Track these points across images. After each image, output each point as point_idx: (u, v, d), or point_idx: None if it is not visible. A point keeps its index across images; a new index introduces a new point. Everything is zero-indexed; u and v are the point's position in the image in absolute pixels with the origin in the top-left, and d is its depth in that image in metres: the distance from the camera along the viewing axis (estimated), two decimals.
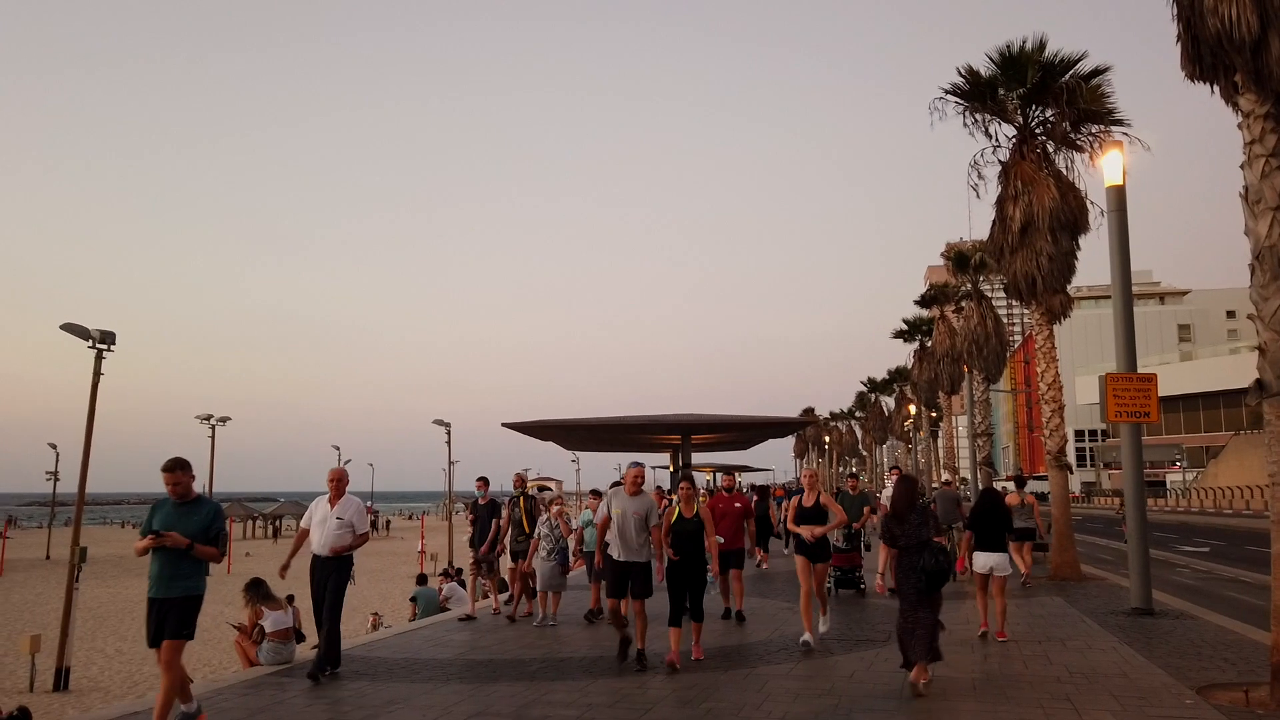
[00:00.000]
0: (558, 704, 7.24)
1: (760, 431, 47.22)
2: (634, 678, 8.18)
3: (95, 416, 19.20)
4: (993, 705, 6.98)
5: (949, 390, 40.48)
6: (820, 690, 7.58)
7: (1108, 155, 12.81)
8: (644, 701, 7.27)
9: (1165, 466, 70.21)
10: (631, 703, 7.24)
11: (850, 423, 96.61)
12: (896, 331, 47.43)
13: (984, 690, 7.52)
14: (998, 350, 30.74)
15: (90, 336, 19.09)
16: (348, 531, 8.51)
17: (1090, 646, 9.44)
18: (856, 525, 14.07)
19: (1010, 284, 17.47)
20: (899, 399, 65.34)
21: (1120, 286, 12.46)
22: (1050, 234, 16.64)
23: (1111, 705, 6.94)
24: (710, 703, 7.18)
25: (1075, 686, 7.58)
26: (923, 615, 7.52)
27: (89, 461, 18.95)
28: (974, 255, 30.73)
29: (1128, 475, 12.76)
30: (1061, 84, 16.63)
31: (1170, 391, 62.55)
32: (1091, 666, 8.39)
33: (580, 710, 7.01)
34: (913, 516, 7.78)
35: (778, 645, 9.82)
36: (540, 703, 7.30)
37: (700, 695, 7.45)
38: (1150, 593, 12.09)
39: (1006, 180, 17.34)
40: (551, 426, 39.17)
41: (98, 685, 18.34)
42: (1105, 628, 10.69)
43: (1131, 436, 12.56)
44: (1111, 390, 12.24)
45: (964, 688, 7.62)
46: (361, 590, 29.59)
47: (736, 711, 6.91)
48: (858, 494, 14.43)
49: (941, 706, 6.98)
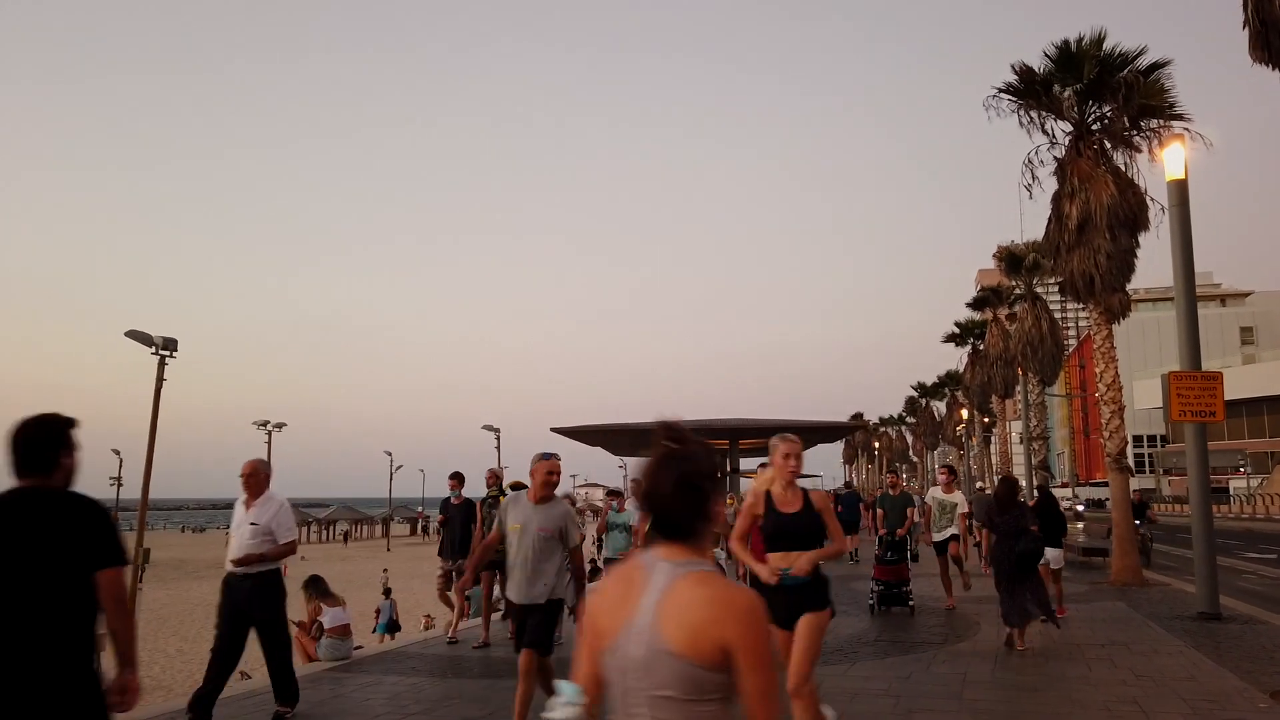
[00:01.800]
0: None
1: (809, 436, 46.98)
2: None
3: (158, 421, 19.72)
4: (1056, 707, 6.84)
5: (1002, 394, 39.79)
6: (878, 691, 7.49)
7: (1169, 149, 12.52)
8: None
9: (1229, 472, 68.19)
10: None
11: (900, 428, 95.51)
12: (948, 335, 46.76)
13: (1047, 692, 7.37)
14: (1053, 352, 30.13)
15: (153, 344, 19.65)
16: (265, 540, 6.63)
17: (1156, 650, 9.20)
18: (901, 531, 12.64)
19: (1067, 283, 17.13)
20: (950, 403, 64.43)
21: (1183, 283, 12.16)
22: (1108, 231, 16.29)
23: (1181, 709, 6.75)
24: None
25: (1143, 690, 7.39)
26: (1018, 589, 9.02)
27: (152, 466, 19.45)
28: (1027, 256, 30.19)
29: (1193, 476, 12.43)
30: (1119, 79, 16.29)
31: (1233, 395, 60.68)
32: (1159, 670, 8.18)
33: None
34: (1014, 509, 9.40)
35: (832, 646, 9.71)
36: None
37: None
38: (1217, 597, 11.75)
39: (1063, 177, 17.03)
40: (598, 431, 39.43)
41: (160, 684, 18.81)
42: (1171, 632, 10.40)
43: (1196, 437, 12.23)
44: (1175, 389, 11.94)
45: (1027, 689, 7.48)
46: (414, 593, 29.93)
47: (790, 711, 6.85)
48: (900, 494, 13.08)
49: (1004, 709, 6.86)
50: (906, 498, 13.03)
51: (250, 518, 6.68)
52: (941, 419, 69.45)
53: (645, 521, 2.61)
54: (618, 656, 1.94)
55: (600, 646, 2.01)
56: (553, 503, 5.92)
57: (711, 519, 2.04)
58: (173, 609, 32.12)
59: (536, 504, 5.87)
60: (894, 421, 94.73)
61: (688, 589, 1.91)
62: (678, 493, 2.01)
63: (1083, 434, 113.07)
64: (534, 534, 5.76)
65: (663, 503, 2.02)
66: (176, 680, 19.26)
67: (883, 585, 12.09)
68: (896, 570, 12.11)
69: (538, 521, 5.79)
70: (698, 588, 1.90)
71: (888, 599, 12.08)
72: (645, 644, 1.89)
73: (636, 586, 1.99)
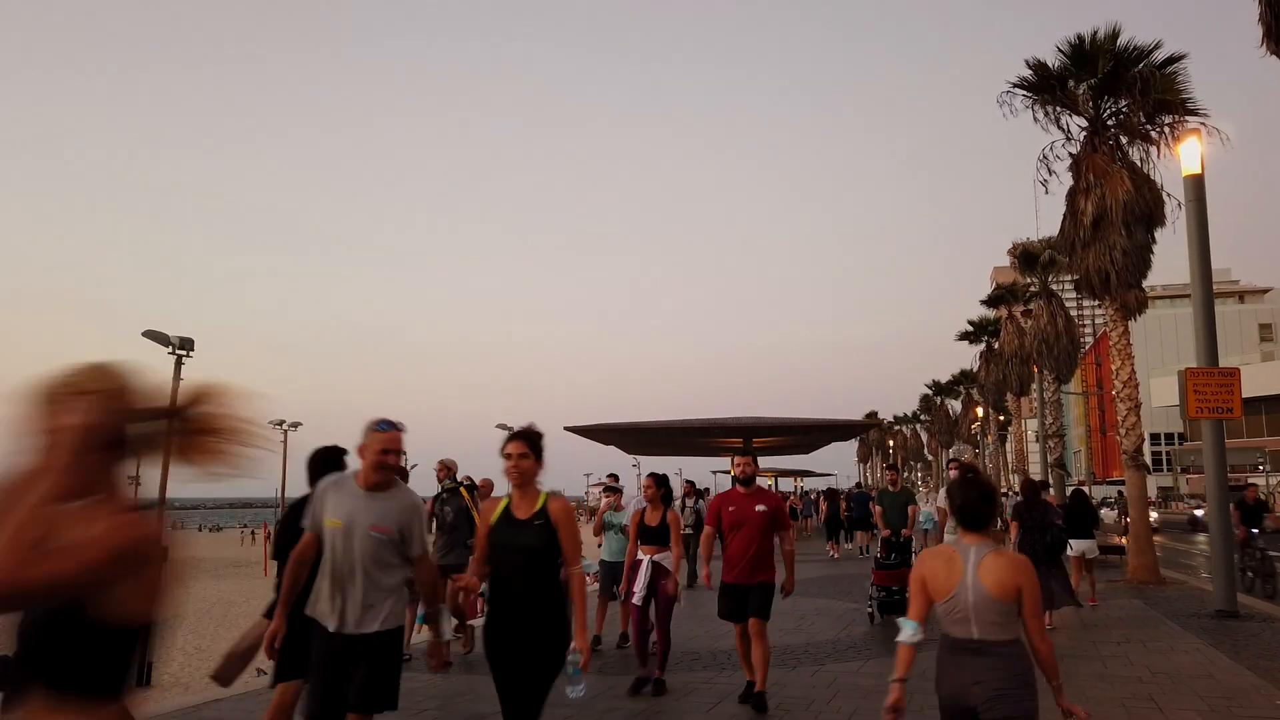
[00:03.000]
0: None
1: (823, 434, 46.94)
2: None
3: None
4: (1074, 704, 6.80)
5: (1017, 392, 39.61)
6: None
7: (1185, 143, 12.44)
8: (711, 695, 7.25)
9: (1247, 470, 67.61)
10: (699, 695, 7.23)
11: (914, 426, 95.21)
12: (962, 333, 46.60)
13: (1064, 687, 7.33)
14: (1068, 350, 29.95)
15: (170, 343, 19.78)
16: None
17: (1173, 648, 9.15)
18: (906, 531, 11.98)
19: (1082, 279, 17.04)
20: (965, 402, 64.18)
21: (1199, 279, 12.08)
22: (1124, 227, 16.21)
23: (1197, 705, 6.72)
24: (778, 699, 7.14)
25: (1159, 686, 7.36)
26: (1044, 574, 9.55)
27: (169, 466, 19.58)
28: (1042, 253, 30.03)
29: (1210, 473, 12.34)
30: (1135, 74, 16.21)
31: (1252, 393, 60.26)
32: (1175, 667, 8.14)
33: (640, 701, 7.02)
34: (1039, 507, 10.56)
35: (846, 644, 9.71)
36: (609, 692, 7.33)
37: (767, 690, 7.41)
38: (1235, 595, 11.67)
39: (1078, 173, 16.95)
40: (612, 430, 39.48)
41: (178, 681, 18.91)
42: (1188, 629, 10.34)
43: (1213, 434, 12.15)
44: (1192, 385, 11.87)
45: (1041, 685, 7.44)
46: None
47: (806, 706, 6.86)
48: (900, 490, 12.27)
49: None
50: (908, 494, 12.15)
51: None
52: (956, 417, 69.20)
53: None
54: (955, 602, 3.40)
55: (933, 599, 3.47)
56: (396, 490, 4.21)
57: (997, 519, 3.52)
58: (190, 607, 32.39)
59: (367, 490, 4.12)
60: (909, 420, 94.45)
61: (992, 559, 3.40)
62: (981, 502, 3.50)
63: (1099, 432, 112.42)
64: (363, 532, 4.06)
65: (974, 509, 3.50)
66: (194, 678, 19.37)
67: (883, 591, 10.99)
68: (898, 575, 10.92)
69: (370, 515, 4.08)
70: (998, 558, 3.41)
71: (888, 607, 10.87)
72: (973, 592, 3.37)
73: (956, 561, 3.45)
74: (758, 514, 6.87)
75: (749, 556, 6.81)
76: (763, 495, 7.16)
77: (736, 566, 6.85)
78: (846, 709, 6.76)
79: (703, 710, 6.84)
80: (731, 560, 6.89)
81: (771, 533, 6.93)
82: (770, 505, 7.00)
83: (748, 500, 6.99)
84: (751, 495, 7.06)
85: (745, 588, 6.82)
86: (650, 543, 7.94)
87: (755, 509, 6.89)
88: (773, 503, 7.08)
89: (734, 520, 6.90)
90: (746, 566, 6.81)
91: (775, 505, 7.06)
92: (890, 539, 11.57)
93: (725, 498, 7.24)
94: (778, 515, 6.99)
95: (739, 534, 6.86)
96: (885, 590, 10.94)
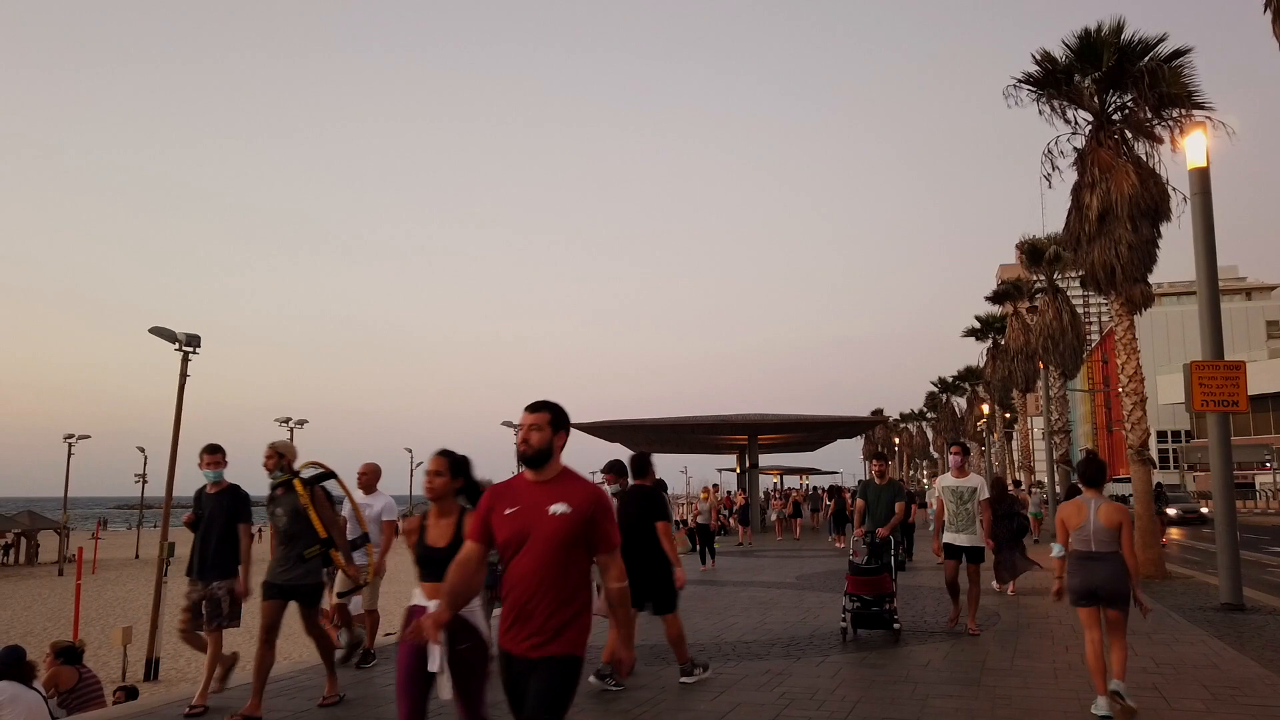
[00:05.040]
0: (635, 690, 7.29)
1: (829, 431, 46.86)
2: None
3: (182, 416, 19.94)
4: (1077, 693, 6.82)
5: (1023, 388, 39.54)
6: (897, 678, 7.49)
7: (1191, 136, 12.43)
8: (718, 685, 7.27)
9: (1255, 467, 67.34)
10: (709, 685, 7.25)
11: (920, 424, 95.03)
12: (968, 330, 46.51)
13: (1068, 677, 7.35)
14: (1074, 345, 29.88)
15: (177, 340, 19.83)
16: None
17: (1177, 640, 9.15)
18: (884, 531, 9.67)
19: (1088, 274, 17.00)
20: (971, 399, 64.05)
21: (1205, 272, 12.07)
22: (1130, 222, 16.16)
23: (1202, 695, 6.72)
24: (783, 688, 7.16)
25: (1164, 677, 7.36)
26: (1008, 551, 13.20)
27: (176, 459, 19.69)
28: (1048, 248, 29.94)
29: (1215, 467, 12.32)
30: (1140, 67, 16.15)
31: (1259, 390, 60.03)
32: (1179, 659, 8.14)
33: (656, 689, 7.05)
34: (1006, 500, 13.64)
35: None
36: (624, 695, 7.35)
37: (772, 680, 7.44)
38: (1241, 588, 11.66)
39: (1083, 167, 16.90)
40: (617, 427, 39.48)
41: (185, 675, 19.03)
42: (1193, 622, 10.34)
43: (1219, 427, 12.14)
44: (1197, 378, 11.86)
45: (1047, 675, 7.46)
46: None
47: (811, 696, 6.88)
48: (887, 484, 10.08)
49: (1023, 694, 6.84)
50: (895, 488, 10.09)
51: None
52: (962, 414, 69.06)
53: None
54: (1083, 530, 6.09)
55: (1069, 530, 6.18)
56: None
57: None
58: None
59: None
60: (914, 417, 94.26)
61: (1105, 506, 6.11)
62: (1097, 471, 6.25)
63: (1106, 429, 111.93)
64: None
65: (1093, 475, 6.25)
66: (200, 672, 19.44)
67: (857, 601, 9.35)
68: (876, 582, 9.32)
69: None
70: (1108, 505, 6.13)
71: (863, 620, 9.40)
72: (1094, 523, 6.06)
73: (1084, 507, 6.15)
74: (552, 521, 3.47)
75: (530, 599, 3.47)
76: (567, 487, 3.55)
77: (508, 619, 3.54)
78: (851, 698, 6.78)
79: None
80: (507, 606, 3.56)
81: (579, 555, 3.52)
82: (579, 504, 3.49)
83: (538, 496, 3.54)
84: (546, 487, 3.56)
85: (524, 665, 3.49)
86: (437, 578, 4.19)
87: (549, 511, 3.49)
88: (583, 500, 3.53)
89: (512, 532, 3.53)
90: (524, 619, 3.49)
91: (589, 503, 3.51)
92: (868, 538, 9.74)
93: (499, 491, 3.66)
94: (594, 524, 3.51)
95: (519, 558, 3.51)
96: (859, 600, 9.35)
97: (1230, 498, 11.94)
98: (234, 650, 7.75)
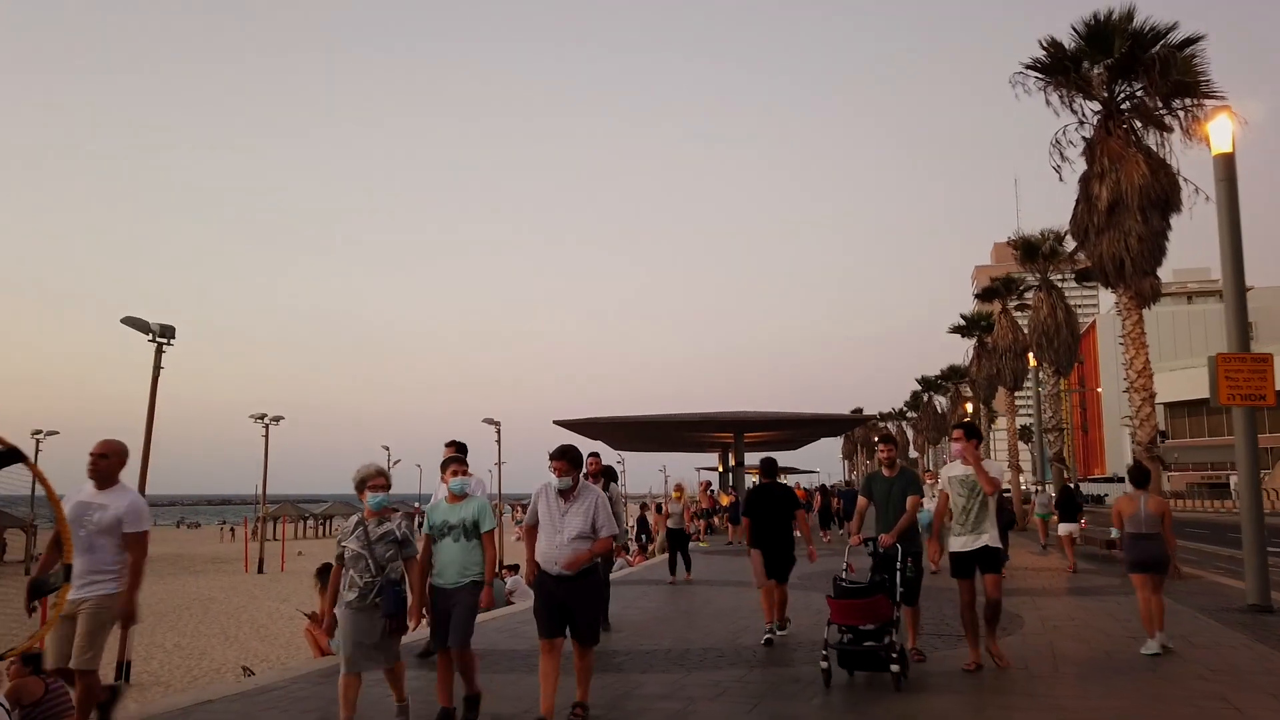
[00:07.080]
0: (652, 695, 6.73)
1: (814, 429, 46.62)
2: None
3: (155, 411, 19.09)
4: (1136, 701, 6.30)
5: (1011, 386, 39.30)
6: (941, 686, 6.96)
7: (1215, 120, 12.01)
8: (748, 694, 6.71)
9: (1229, 468, 67.72)
10: (735, 693, 6.69)
11: (901, 423, 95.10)
12: (954, 327, 46.12)
13: (1121, 686, 6.83)
14: (1069, 342, 29.60)
15: (150, 330, 19.00)
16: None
17: (1219, 643, 8.70)
18: (887, 539, 7.50)
19: (1095, 266, 16.62)
20: (954, 397, 63.94)
21: (1230, 264, 11.67)
22: (1140, 213, 15.79)
23: (1273, 705, 6.24)
24: (782, 681, 6.61)
25: (1224, 685, 6.87)
26: None
27: (149, 457, 18.83)
28: (1044, 243, 29.63)
29: (1242, 465, 11.91)
30: (1152, 55, 15.76)
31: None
32: (1232, 664, 7.67)
33: (679, 701, 6.49)
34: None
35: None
36: (633, 695, 6.79)
37: (769, 690, 6.89)
38: (1269, 589, 11.29)
39: (1092, 157, 16.51)
40: (602, 424, 38.92)
41: (158, 680, 18.26)
42: (1227, 625, 9.90)
43: (1245, 423, 11.73)
44: (1223, 371, 11.44)
45: (1096, 683, 6.95)
46: None
47: (808, 684, 6.33)
48: (897, 473, 8.06)
49: (1079, 705, 6.32)
50: (908, 478, 8.00)
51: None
52: (945, 413, 68.96)
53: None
54: (1136, 516, 8.45)
55: (1124, 517, 8.52)
56: None
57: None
58: (170, 604, 31.64)
59: None
60: (896, 416, 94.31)
61: (1152, 498, 8.57)
62: (1145, 474, 9.00)
63: (1081, 430, 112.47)
64: None
65: (1139, 478, 8.88)
66: (175, 676, 18.71)
67: (848, 634, 6.88)
68: (871, 605, 6.81)
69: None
70: (1154, 498, 8.60)
71: (854, 658, 6.85)
72: (1144, 510, 8.46)
73: (1137, 498, 8.55)
74: None
75: None
76: None
77: None
78: (853, 695, 6.23)
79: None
80: None
81: None
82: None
83: None
84: None
85: None
86: None
87: None
88: None
89: None
90: None
91: None
92: (868, 546, 7.77)
93: None
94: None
95: None
96: (850, 633, 6.86)
97: (1257, 496, 11.55)
98: None
